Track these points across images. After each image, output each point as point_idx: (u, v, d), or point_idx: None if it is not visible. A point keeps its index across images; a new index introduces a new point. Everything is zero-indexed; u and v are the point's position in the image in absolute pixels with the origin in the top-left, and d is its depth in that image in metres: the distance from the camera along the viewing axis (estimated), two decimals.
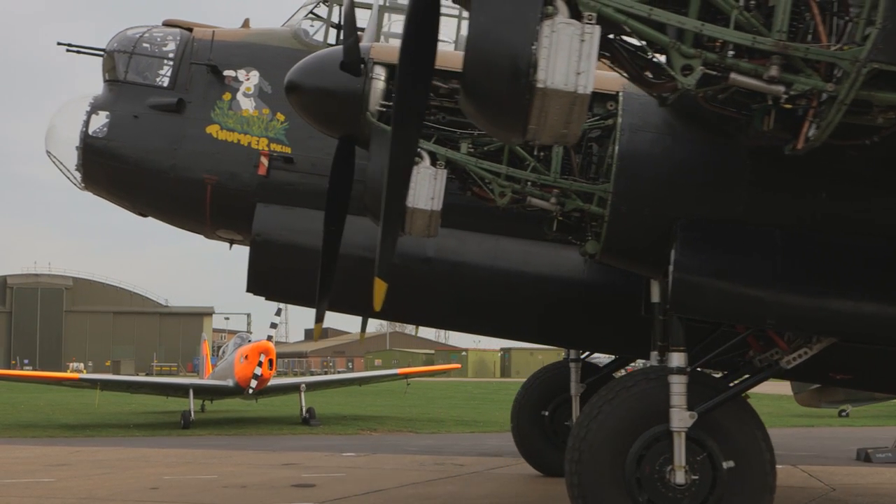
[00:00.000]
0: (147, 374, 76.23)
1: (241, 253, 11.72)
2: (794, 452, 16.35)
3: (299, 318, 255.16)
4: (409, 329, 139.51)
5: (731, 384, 8.05)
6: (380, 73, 8.55)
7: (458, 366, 43.48)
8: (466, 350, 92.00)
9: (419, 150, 8.08)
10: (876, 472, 14.67)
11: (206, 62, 11.39)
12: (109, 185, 11.79)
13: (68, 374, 31.57)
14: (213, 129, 11.32)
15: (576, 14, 5.46)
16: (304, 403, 23.87)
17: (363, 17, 11.68)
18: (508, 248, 10.88)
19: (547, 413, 13.66)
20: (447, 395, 42.37)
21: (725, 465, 7.51)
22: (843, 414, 27.55)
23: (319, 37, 11.72)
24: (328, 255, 9.44)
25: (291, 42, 11.60)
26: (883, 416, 28.37)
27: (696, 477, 7.49)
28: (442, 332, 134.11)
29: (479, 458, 16.00)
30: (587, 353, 13.70)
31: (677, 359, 7.62)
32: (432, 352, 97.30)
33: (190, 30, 11.80)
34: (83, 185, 11.82)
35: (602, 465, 7.55)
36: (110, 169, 11.50)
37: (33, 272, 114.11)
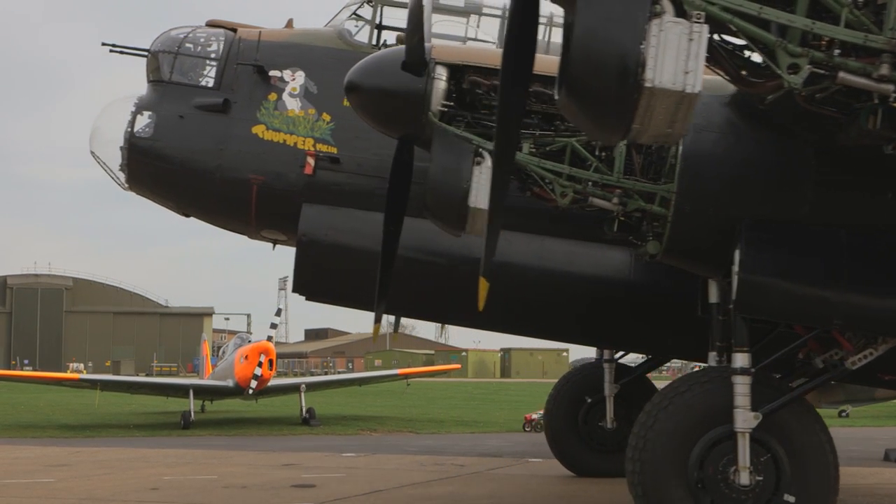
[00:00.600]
0: (147, 375, 76.23)
1: (241, 254, 11.78)
2: None
3: (299, 318, 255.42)
4: (410, 329, 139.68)
5: (791, 385, 8.05)
6: (441, 74, 8.55)
7: (458, 366, 43.50)
8: (466, 350, 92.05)
9: (480, 150, 8.15)
10: (876, 472, 14.68)
11: (252, 62, 11.37)
12: (154, 185, 11.76)
13: (68, 375, 31.61)
14: (258, 130, 11.31)
15: (680, 13, 5.47)
16: (304, 404, 23.86)
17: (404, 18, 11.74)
18: (554, 249, 10.88)
19: (581, 412, 13.61)
20: (447, 395, 42.36)
21: (787, 497, 7.51)
22: (843, 414, 27.53)
23: (361, 37, 11.70)
24: (387, 256, 9.46)
25: (336, 42, 11.58)
26: (883, 416, 28.37)
27: (761, 478, 7.50)
28: (442, 332, 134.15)
29: (479, 458, 15.99)
30: (622, 354, 13.66)
31: (741, 359, 7.62)
32: (432, 352, 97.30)
33: (234, 30, 11.78)
34: (127, 185, 11.80)
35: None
36: (155, 169, 11.49)
37: (33, 272, 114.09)
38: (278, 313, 25.71)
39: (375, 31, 11.73)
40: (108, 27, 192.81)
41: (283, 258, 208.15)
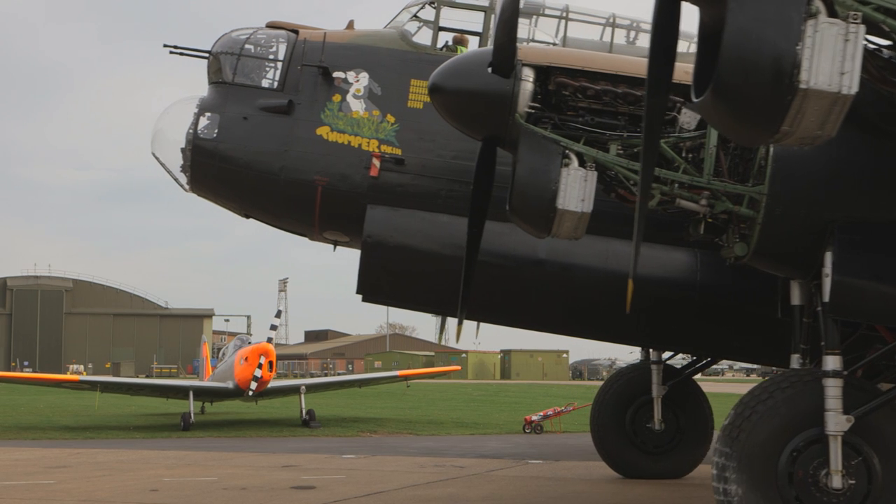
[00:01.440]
0: (147, 376, 76.21)
1: (241, 256, 11.73)
2: None
3: (299, 320, 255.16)
4: (409, 331, 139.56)
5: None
6: (528, 75, 8.50)
7: (458, 368, 43.37)
8: (466, 352, 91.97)
9: (567, 151, 8.15)
10: None
11: (317, 63, 11.36)
12: (217, 186, 11.72)
13: (68, 376, 31.55)
14: (323, 131, 11.29)
15: (832, 13, 5.44)
16: (304, 405, 23.86)
17: (468, 19, 11.74)
18: (619, 250, 10.81)
19: (628, 413, 13.54)
20: (447, 396, 42.34)
21: None
22: None
23: (419, 38, 11.67)
24: (470, 258, 9.44)
25: (399, 44, 11.57)
26: None
27: (853, 482, 7.45)
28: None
29: (478, 459, 16.00)
30: (671, 355, 13.59)
31: (833, 362, 7.58)
32: (432, 353, 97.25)
33: (296, 31, 11.75)
34: (189, 186, 11.76)
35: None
36: (219, 170, 11.44)
37: (33, 274, 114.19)
38: (278, 315, 25.70)
39: (437, 33, 11.72)
40: (108, 28, 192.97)
41: (283, 259, 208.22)
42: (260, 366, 22.99)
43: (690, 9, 6.15)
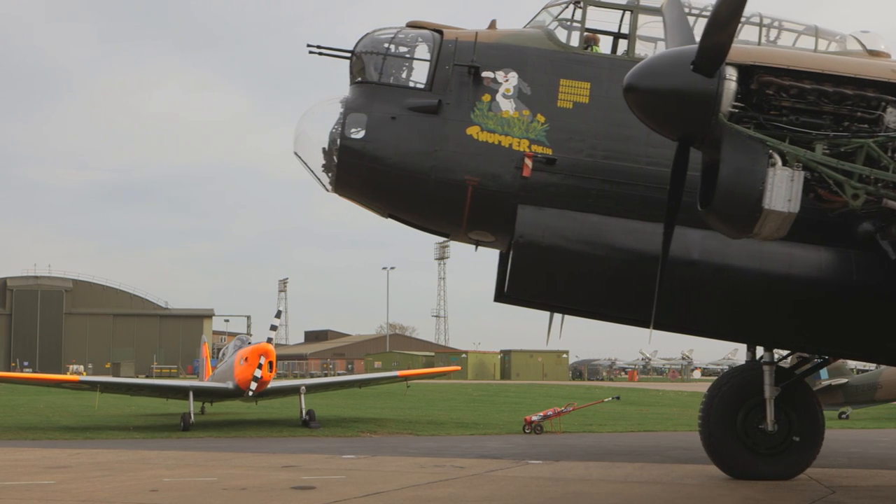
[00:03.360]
0: (147, 377, 76.19)
1: (241, 256, 11.64)
2: None
3: (299, 320, 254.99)
4: (409, 331, 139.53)
5: None
6: (732, 74, 8.41)
7: (458, 368, 43.34)
8: (466, 352, 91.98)
9: (771, 151, 8.06)
10: (876, 474, 14.66)
11: (469, 63, 11.28)
12: (364, 186, 11.60)
13: (68, 377, 31.55)
14: (473, 131, 11.22)
15: None
16: (304, 405, 23.87)
17: (608, 19, 11.78)
18: (772, 250, 10.68)
19: (740, 415, 13.23)
20: (447, 397, 42.34)
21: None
22: (843, 416, 27.58)
23: (560, 37, 11.64)
24: (665, 259, 9.36)
25: (547, 43, 11.51)
26: (882, 418, 28.37)
27: None
28: (442, 334, 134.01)
29: (478, 460, 15.99)
30: (787, 355, 13.35)
31: None
32: (432, 354, 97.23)
33: (440, 32, 11.66)
34: (332, 186, 11.63)
35: None
36: (367, 170, 11.33)
37: (33, 274, 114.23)
38: (278, 315, 25.68)
39: (583, 33, 11.70)
40: (107, 28, 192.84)
41: (283, 259, 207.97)
42: (260, 366, 22.98)
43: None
